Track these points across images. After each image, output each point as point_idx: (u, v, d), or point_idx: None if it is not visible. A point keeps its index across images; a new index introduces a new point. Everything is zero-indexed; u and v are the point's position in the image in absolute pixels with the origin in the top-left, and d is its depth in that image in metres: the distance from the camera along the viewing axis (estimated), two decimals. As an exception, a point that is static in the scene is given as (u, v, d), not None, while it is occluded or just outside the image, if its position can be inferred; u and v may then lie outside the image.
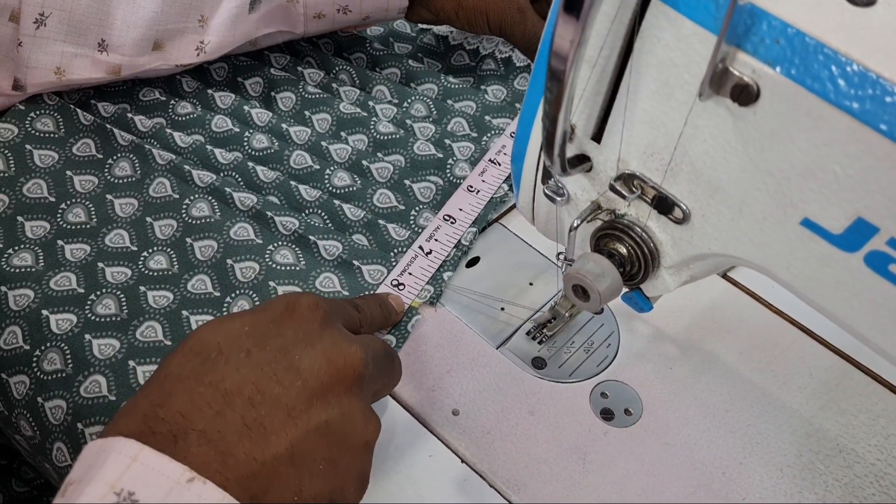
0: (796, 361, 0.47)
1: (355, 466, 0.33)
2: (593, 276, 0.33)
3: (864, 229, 0.27)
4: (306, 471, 0.31)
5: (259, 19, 0.55)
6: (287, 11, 0.56)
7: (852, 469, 0.42)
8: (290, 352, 0.32)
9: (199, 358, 0.32)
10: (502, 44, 0.63)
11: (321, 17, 0.57)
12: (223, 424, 0.30)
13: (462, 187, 0.52)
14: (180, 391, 0.30)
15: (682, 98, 0.29)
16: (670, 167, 0.31)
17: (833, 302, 0.29)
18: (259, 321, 0.34)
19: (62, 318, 0.44)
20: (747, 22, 0.27)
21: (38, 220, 0.49)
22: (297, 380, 0.32)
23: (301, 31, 0.58)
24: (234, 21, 0.54)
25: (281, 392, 0.31)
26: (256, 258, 0.47)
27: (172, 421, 0.29)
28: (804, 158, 0.27)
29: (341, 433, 0.32)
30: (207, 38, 0.54)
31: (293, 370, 0.32)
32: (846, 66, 0.25)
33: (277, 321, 0.34)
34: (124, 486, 0.27)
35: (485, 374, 0.45)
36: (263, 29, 0.56)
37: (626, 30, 0.30)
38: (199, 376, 0.31)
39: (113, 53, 0.52)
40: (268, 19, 0.56)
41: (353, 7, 0.57)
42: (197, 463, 0.28)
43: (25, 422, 0.43)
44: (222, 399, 0.30)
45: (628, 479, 0.41)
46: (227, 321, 0.34)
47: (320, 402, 0.32)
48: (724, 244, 0.31)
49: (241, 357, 0.32)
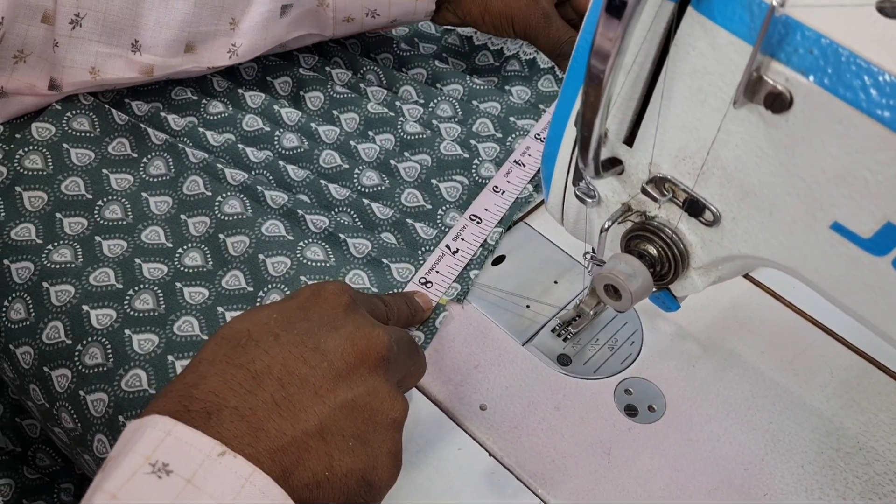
0: (817, 360, 0.47)
1: (385, 444, 0.34)
2: (625, 276, 0.34)
3: (893, 234, 0.28)
4: (335, 447, 0.32)
5: (290, 23, 0.56)
6: (316, 15, 0.57)
7: (872, 467, 0.43)
8: (315, 334, 0.34)
9: (231, 343, 0.33)
10: (526, 45, 0.64)
11: (350, 21, 0.58)
12: (254, 402, 0.31)
13: (488, 188, 0.53)
14: (213, 373, 0.32)
15: (716, 104, 0.30)
16: (702, 171, 0.32)
17: (861, 304, 0.30)
18: (287, 308, 0.35)
19: (102, 314, 0.46)
20: (782, 32, 0.28)
21: (77, 216, 0.50)
22: (324, 361, 0.33)
23: (330, 33, 0.59)
24: (266, 24, 0.55)
25: (308, 372, 0.33)
26: (288, 254, 0.48)
27: (206, 400, 0.31)
28: (835, 164, 0.28)
29: (369, 411, 0.33)
30: (239, 40, 0.55)
31: (319, 351, 0.33)
32: (878, 76, 0.26)
33: (304, 307, 0.35)
34: (159, 458, 0.29)
35: (511, 370, 0.46)
36: (294, 32, 0.57)
37: (660, 38, 0.31)
38: (230, 359, 0.32)
39: (146, 54, 0.53)
40: (298, 23, 0.57)
41: (381, 11, 0.58)
42: (229, 437, 0.30)
43: (67, 414, 0.44)
44: (253, 379, 0.32)
45: (652, 473, 0.42)
46: (256, 311, 0.35)
47: (346, 381, 0.33)
48: (753, 246, 0.32)
49: (270, 340, 0.33)
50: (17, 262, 0.48)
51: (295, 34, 0.58)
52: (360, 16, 0.58)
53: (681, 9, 0.30)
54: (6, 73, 0.52)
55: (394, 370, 0.36)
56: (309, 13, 0.57)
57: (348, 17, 0.58)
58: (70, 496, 0.56)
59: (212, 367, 0.32)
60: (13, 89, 0.53)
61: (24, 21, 0.50)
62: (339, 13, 0.57)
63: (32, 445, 0.56)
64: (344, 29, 0.59)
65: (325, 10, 0.57)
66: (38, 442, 0.57)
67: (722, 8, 0.29)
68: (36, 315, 0.46)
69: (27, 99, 0.54)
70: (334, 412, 0.32)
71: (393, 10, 0.58)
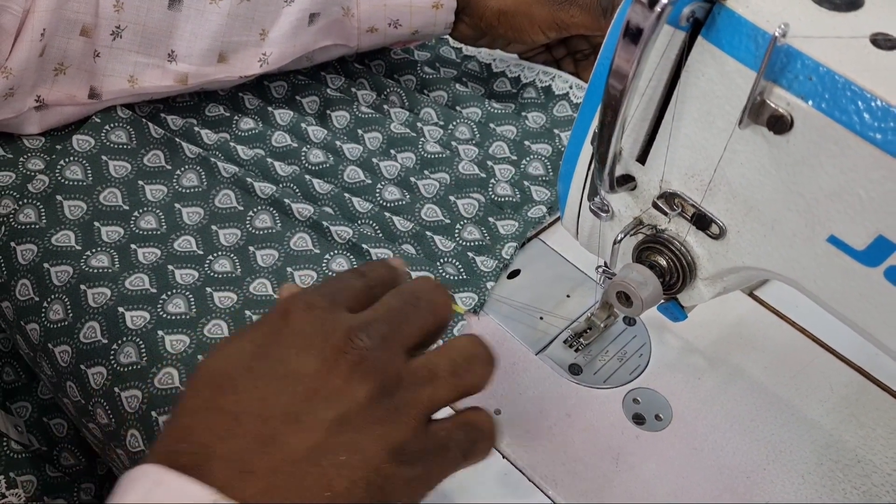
0: (818, 377, 0.49)
1: (376, 444, 0.32)
2: (637, 283, 0.36)
3: (885, 246, 0.30)
4: (329, 465, 0.31)
5: (317, 31, 0.59)
6: (342, 25, 0.60)
7: (870, 479, 0.45)
8: (288, 359, 0.33)
9: (209, 387, 0.32)
10: (542, 73, 0.66)
11: (374, 31, 0.61)
12: (239, 445, 0.31)
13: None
14: (197, 424, 0.32)
15: (723, 126, 0.33)
16: (709, 187, 0.34)
17: (856, 312, 0.32)
18: (258, 336, 0.34)
19: (136, 315, 0.48)
20: (783, 61, 0.30)
21: (114, 225, 0.53)
22: (299, 385, 0.32)
23: (355, 44, 0.62)
24: (294, 33, 0.58)
25: (286, 400, 0.32)
26: (315, 267, 0.51)
27: (194, 452, 0.31)
28: (832, 182, 0.31)
29: (354, 422, 0.32)
30: (269, 49, 0.58)
31: (293, 377, 0.32)
32: (871, 102, 0.29)
33: (276, 331, 0.34)
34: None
35: (525, 378, 0.48)
36: (321, 41, 0.60)
37: (672, 64, 0.33)
38: (210, 405, 0.32)
39: (181, 63, 0.56)
40: (325, 32, 0.60)
41: (403, 21, 0.61)
42: (219, 485, 0.29)
43: (102, 410, 0.47)
44: (234, 421, 0.31)
45: (658, 479, 0.44)
46: (229, 344, 0.34)
47: (324, 400, 0.32)
48: (756, 258, 0.35)
49: (246, 376, 0.32)
50: (56, 266, 0.51)
51: (322, 43, 0.60)
52: (384, 26, 0.61)
53: (692, 37, 0.33)
54: (47, 85, 0.55)
55: (382, 357, 0.33)
56: (335, 23, 0.60)
57: (372, 27, 0.61)
58: (90, 496, 0.58)
59: (195, 417, 0.32)
60: (53, 100, 0.56)
61: (63, 34, 0.53)
62: (364, 23, 0.60)
63: (58, 445, 0.58)
64: (368, 40, 0.62)
65: (350, 20, 0.60)
66: (64, 441, 0.59)
67: (729, 38, 0.31)
68: (74, 316, 0.49)
69: (67, 109, 0.57)
70: (319, 434, 0.31)
71: (414, 20, 0.61)
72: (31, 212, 0.53)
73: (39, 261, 0.51)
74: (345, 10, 0.59)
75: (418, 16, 0.61)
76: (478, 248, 0.53)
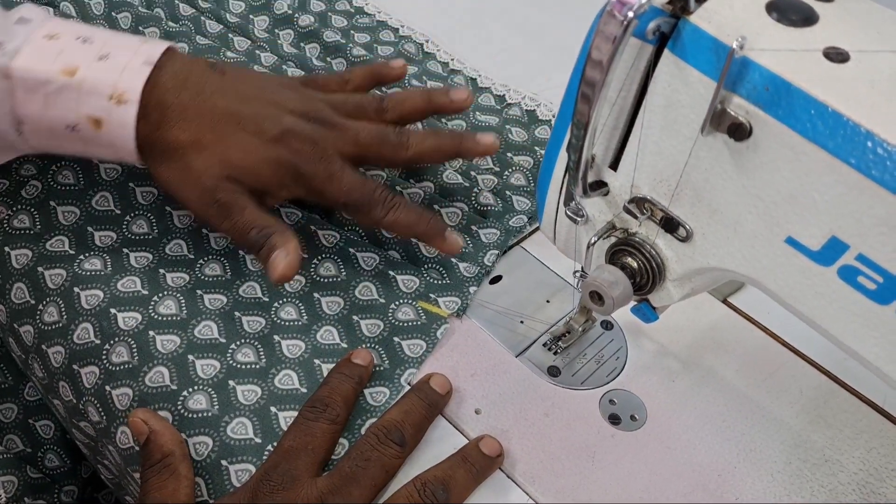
0: (788, 380, 0.51)
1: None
2: (608, 283, 0.38)
3: (837, 246, 0.32)
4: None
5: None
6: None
7: (836, 477, 0.46)
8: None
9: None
10: (529, 98, 0.68)
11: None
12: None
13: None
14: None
15: (688, 133, 0.35)
16: (676, 192, 0.36)
17: (812, 309, 0.34)
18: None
19: (128, 317, 0.49)
20: (743, 72, 0.32)
21: (106, 230, 0.54)
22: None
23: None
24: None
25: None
26: (302, 272, 0.52)
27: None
28: (788, 186, 0.32)
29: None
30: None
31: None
32: (823, 110, 0.31)
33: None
34: None
35: (505, 379, 0.49)
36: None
37: (641, 76, 0.35)
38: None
39: None
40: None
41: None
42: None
43: (93, 408, 0.48)
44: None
45: (633, 477, 0.45)
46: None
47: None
48: (720, 259, 0.36)
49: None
50: (50, 270, 0.52)
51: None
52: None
53: (658, 51, 0.35)
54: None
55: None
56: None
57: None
58: (72, 498, 0.59)
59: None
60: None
61: None
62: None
63: (44, 446, 0.59)
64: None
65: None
66: (50, 443, 0.59)
67: (693, 50, 0.33)
68: (68, 318, 0.50)
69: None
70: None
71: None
72: (24, 217, 0.54)
73: (34, 265, 0.52)
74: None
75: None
76: (461, 255, 0.55)
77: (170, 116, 0.47)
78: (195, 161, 0.48)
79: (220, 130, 0.48)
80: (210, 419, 0.46)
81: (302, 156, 0.48)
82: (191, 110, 0.48)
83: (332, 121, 0.50)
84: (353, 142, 0.50)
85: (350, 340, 0.50)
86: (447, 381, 0.47)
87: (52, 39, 0.47)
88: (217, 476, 0.44)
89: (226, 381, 0.47)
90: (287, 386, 0.47)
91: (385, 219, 0.49)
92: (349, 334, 0.50)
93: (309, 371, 0.48)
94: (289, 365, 0.48)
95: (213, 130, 0.48)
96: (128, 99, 0.46)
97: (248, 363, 0.48)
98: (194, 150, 0.48)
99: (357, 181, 0.49)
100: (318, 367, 0.48)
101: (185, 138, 0.48)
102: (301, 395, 0.47)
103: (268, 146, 0.48)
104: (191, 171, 0.48)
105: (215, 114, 0.48)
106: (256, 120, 0.48)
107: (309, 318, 0.51)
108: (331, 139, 0.50)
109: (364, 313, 0.51)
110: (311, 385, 0.47)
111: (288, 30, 0.72)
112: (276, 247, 0.46)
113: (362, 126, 0.51)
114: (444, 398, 0.47)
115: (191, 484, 0.43)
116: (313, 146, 0.49)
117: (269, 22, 0.72)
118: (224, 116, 0.48)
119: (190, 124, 0.48)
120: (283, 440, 0.44)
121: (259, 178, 0.48)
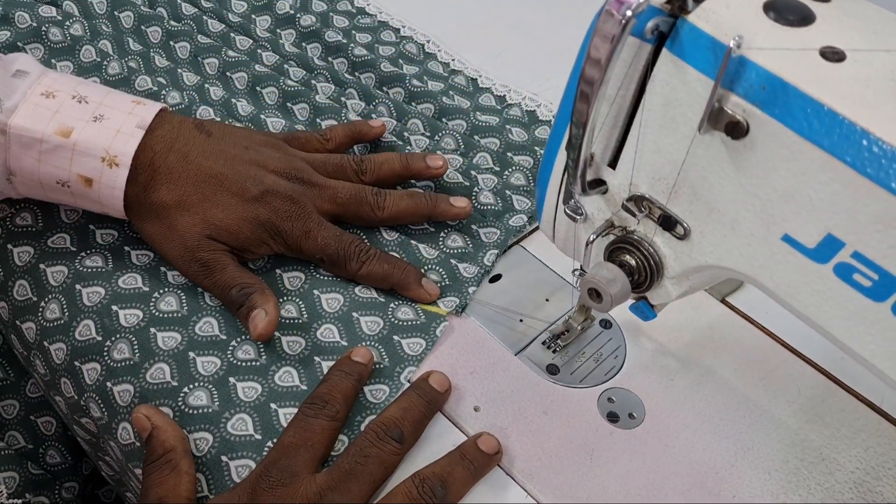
0: (786, 379, 0.51)
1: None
2: (606, 280, 0.38)
3: (833, 244, 0.32)
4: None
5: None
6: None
7: (833, 476, 0.46)
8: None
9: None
10: (529, 99, 0.68)
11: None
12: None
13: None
14: None
15: (686, 132, 0.35)
16: (674, 190, 0.37)
17: (808, 307, 0.34)
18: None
19: (130, 314, 0.50)
20: (740, 71, 0.32)
21: (107, 228, 0.55)
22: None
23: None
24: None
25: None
26: (304, 269, 0.53)
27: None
28: (785, 184, 0.33)
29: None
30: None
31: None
32: (819, 109, 0.31)
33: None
34: None
35: (504, 377, 0.50)
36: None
37: (639, 75, 0.36)
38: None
39: None
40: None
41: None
42: None
43: (95, 404, 0.48)
44: None
45: (631, 474, 0.46)
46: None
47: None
48: (718, 257, 0.37)
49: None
50: (52, 267, 0.52)
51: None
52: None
53: (657, 50, 0.35)
54: None
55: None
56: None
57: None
58: (72, 494, 0.59)
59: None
60: None
61: None
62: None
63: (45, 443, 0.60)
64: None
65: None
66: (52, 439, 0.60)
67: (691, 49, 0.34)
68: (69, 314, 0.50)
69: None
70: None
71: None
72: (27, 215, 0.54)
73: (36, 262, 0.52)
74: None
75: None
76: (461, 256, 0.55)
77: (157, 179, 0.50)
78: (179, 220, 0.50)
79: (203, 191, 0.50)
80: (210, 415, 0.46)
81: (280, 213, 0.51)
82: (176, 172, 0.50)
83: (311, 180, 0.53)
84: (331, 199, 0.53)
85: (350, 338, 0.50)
86: (446, 379, 0.48)
87: (49, 98, 0.49)
88: (217, 472, 0.44)
89: (226, 377, 0.47)
90: (287, 383, 0.48)
91: (360, 271, 0.52)
92: (349, 332, 0.50)
93: (309, 368, 0.49)
94: (289, 362, 0.49)
95: (197, 191, 0.50)
96: (120, 163, 0.48)
97: (249, 360, 0.48)
98: (178, 210, 0.50)
99: (332, 236, 0.51)
100: (318, 365, 0.49)
101: (170, 199, 0.50)
102: (301, 393, 0.47)
103: (248, 205, 0.50)
104: (174, 230, 0.50)
105: (200, 175, 0.50)
106: (238, 180, 0.51)
107: (309, 316, 0.51)
108: (309, 196, 0.52)
109: (364, 311, 0.51)
110: (311, 382, 0.48)
111: (290, 29, 0.72)
112: (256, 305, 0.48)
113: (341, 185, 0.54)
114: (444, 396, 0.47)
115: (192, 480, 0.43)
116: (292, 204, 0.51)
117: (271, 21, 0.73)
118: (208, 178, 0.50)
119: (176, 186, 0.50)
120: (283, 436, 0.44)
121: (238, 236, 0.50)
